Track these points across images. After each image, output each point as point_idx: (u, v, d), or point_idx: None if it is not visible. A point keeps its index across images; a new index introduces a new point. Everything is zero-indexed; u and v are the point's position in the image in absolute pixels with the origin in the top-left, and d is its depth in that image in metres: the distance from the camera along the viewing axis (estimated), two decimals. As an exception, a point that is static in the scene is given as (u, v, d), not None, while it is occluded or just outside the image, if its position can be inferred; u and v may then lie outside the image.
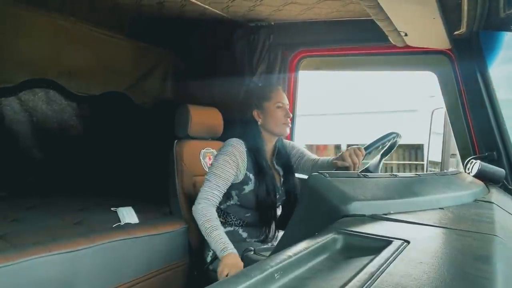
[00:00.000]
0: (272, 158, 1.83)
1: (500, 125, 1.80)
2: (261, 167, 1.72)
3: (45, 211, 1.92)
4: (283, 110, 1.74)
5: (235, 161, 1.68)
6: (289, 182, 1.82)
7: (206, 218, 1.58)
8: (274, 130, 1.76)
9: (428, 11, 1.39)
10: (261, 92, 1.80)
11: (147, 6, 2.24)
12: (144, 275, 1.75)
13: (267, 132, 1.77)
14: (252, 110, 1.76)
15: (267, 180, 1.72)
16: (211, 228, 1.56)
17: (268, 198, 1.71)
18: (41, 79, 2.45)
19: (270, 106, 1.74)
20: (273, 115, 1.74)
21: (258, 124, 1.76)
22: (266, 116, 1.75)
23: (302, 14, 2.24)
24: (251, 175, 1.71)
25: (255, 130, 1.77)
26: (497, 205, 1.08)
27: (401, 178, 1.08)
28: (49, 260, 1.38)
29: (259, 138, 1.76)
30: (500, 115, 1.80)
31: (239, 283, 0.44)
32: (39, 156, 2.57)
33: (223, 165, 1.66)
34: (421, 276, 0.50)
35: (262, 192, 1.71)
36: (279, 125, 1.74)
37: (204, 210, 1.60)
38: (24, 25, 2.26)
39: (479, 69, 1.81)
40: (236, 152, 1.69)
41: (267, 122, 1.75)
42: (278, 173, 1.83)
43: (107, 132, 2.88)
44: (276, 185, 1.77)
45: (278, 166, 1.84)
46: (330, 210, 0.77)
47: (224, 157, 1.68)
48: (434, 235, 0.75)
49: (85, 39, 2.57)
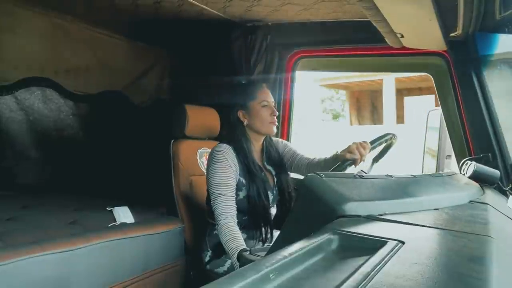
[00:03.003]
0: (262, 158, 1.79)
1: (495, 127, 1.81)
2: (250, 170, 1.68)
3: (40, 210, 1.91)
4: (269, 109, 1.70)
5: (230, 166, 1.63)
6: (282, 181, 1.79)
7: (228, 238, 1.48)
8: (261, 130, 1.71)
9: (424, 12, 1.39)
10: (245, 91, 1.75)
11: (144, 5, 2.24)
12: (140, 275, 1.75)
13: (253, 132, 1.73)
14: (237, 110, 1.72)
15: (258, 184, 1.68)
16: (236, 249, 1.45)
17: (260, 201, 1.68)
18: (38, 77, 2.44)
19: (255, 106, 1.70)
20: (259, 115, 1.69)
21: (243, 125, 1.72)
22: (251, 116, 1.70)
23: (299, 14, 2.24)
24: (244, 180, 1.68)
25: (241, 131, 1.72)
26: (492, 206, 1.09)
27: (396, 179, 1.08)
28: (44, 259, 1.37)
29: (246, 140, 1.71)
30: (495, 117, 1.81)
31: (235, 283, 0.44)
32: (35, 155, 2.55)
33: (222, 172, 1.61)
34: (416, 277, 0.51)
35: (254, 196, 1.67)
36: (266, 124, 1.69)
37: (225, 227, 1.51)
38: (21, 23, 2.25)
39: (474, 71, 1.82)
40: (227, 156, 1.64)
41: (253, 122, 1.70)
42: (270, 173, 1.80)
43: (103, 131, 2.87)
44: (269, 186, 1.75)
45: (269, 166, 1.80)
46: (326, 211, 0.77)
47: (218, 164, 1.62)
48: (429, 235, 0.75)
49: (82, 38, 2.57)
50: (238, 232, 1.51)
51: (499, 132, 1.81)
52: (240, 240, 1.48)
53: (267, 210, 1.72)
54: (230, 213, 1.55)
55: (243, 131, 1.72)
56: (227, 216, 1.54)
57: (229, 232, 1.50)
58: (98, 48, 2.67)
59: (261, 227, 1.72)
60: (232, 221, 1.54)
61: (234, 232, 1.50)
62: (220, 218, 1.54)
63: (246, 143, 1.71)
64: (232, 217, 1.55)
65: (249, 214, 1.71)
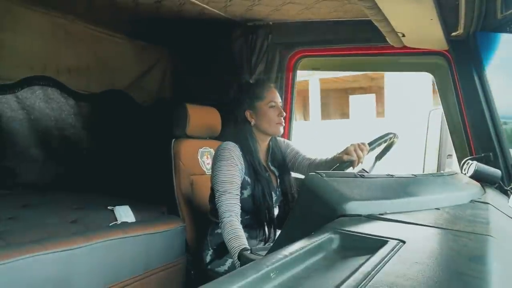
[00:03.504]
0: (267, 159, 1.80)
1: (496, 126, 1.81)
2: (256, 170, 1.68)
3: (41, 209, 1.91)
4: (276, 110, 1.70)
5: (236, 164, 1.63)
6: (285, 182, 1.80)
7: (232, 236, 1.48)
8: (268, 130, 1.72)
9: (425, 12, 1.39)
10: (253, 91, 1.75)
11: (145, 4, 2.24)
12: (141, 274, 1.75)
13: (260, 132, 1.73)
14: (244, 110, 1.72)
15: (262, 183, 1.68)
16: (238, 248, 1.45)
17: (264, 201, 1.68)
18: (39, 76, 2.44)
19: (263, 106, 1.70)
20: (267, 115, 1.70)
21: (251, 125, 1.72)
22: (259, 116, 1.71)
23: (300, 14, 2.24)
24: (249, 179, 1.68)
25: (248, 131, 1.72)
26: (493, 206, 1.09)
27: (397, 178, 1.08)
28: (45, 258, 1.37)
29: (252, 139, 1.72)
30: (497, 116, 1.81)
31: (235, 282, 0.44)
32: (36, 154, 2.55)
33: (227, 170, 1.60)
34: (416, 276, 0.51)
35: (258, 196, 1.67)
36: (273, 125, 1.70)
37: (229, 226, 1.51)
38: (23, 22, 2.25)
39: (476, 71, 1.82)
40: (233, 155, 1.64)
41: (260, 122, 1.71)
42: (273, 174, 1.80)
43: (105, 130, 2.87)
44: (273, 186, 1.75)
45: (273, 167, 1.81)
46: (327, 210, 0.77)
47: (225, 162, 1.62)
48: (429, 235, 0.75)
49: (84, 37, 2.57)
50: (241, 231, 1.51)
51: (501, 132, 1.80)
52: (243, 239, 1.48)
53: (271, 210, 1.72)
54: (234, 211, 1.55)
55: (250, 131, 1.73)
56: (231, 214, 1.54)
57: (232, 230, 1.49)
58: (99, 47, 2.67)
59: (264, 226, 1.72)
60: (236, 219, 1.54)
61: (237, 231, 1.49)
62: (224, 216, 1.53)
63: (253, 142, 1.71)
64: (236, 215, 1.55)
65: (252, 213, 1.71)
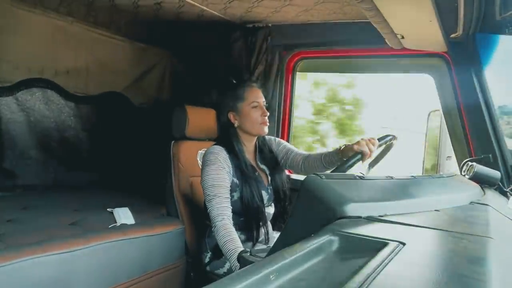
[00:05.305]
0: (255, 158, 1.79)
1: (495, 127, 1.81)
2: (243, 171, 1.67)
3: (40, 212, 1.91)
4: (259, 109, 1.68)
5: (223, 167, 1.62)
6: (276, 180, 1.79)
7: (226, 239, 1.47)
8: (252, 131, 1.70)
9: (424, 14, 1.40)
10: (234, 92, 1.72)
11: (144, 7, 2.24)
12: (140, 276, 1.75)
13: (245, 133, 1.72)
14: (227, 112, 1.71)
15: (251, 184, 1.67)
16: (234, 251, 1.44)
17: (253, 202, 1.67)
18: (38, 78, 2.45)
19: (245, 107, 1.68)
20: (249, 116, 1.68)
21: (234, 127, 1.71)
22: (242, 117, 1.69)
23: (300, 16, 2.24)
24: (237, 181, 1.67)
25: (232, 133, 1.71)
26: (492, 207, 1.09)
27: (397, 180, 1.08)
28: (44, 260, 1.37)
29: (237, 141, 1.70)
30: (496, 118, 1.81)
31: (235, 284, 0.44)
32: (35, 156, 2.56)
33: (216, 173, 1.59)
34: (416, 278, 0.51)
35: (247, 197, 1.66)
36: (257, 125, 1.69)
37: (222, 229, 1.49)
38: (22, 24, 2.26)
39: (475, 72, 1.82)
40: (220, 158, 1.62)
41: (244, 123, 1.69)
42: (264, 172, 1.79)
43: (104, 132, 2.87)
44: (264, 185, 1.74)
45: (263, 165, 1.79)
46: (326, 212, 0.77)
47: (212, 166, 1.61)
48: (429, 237, 0.75)
49: (83, 39, 2.57)
50: (235, 234, 1.50)
51: (500, 133, 1.80)
52: (238, 241, 1.47)
53: (260, 210, 1.70)
54: (226, 214, 1.54)
55: (234, 133, 1.72)
56: (224, 217, 1.53)
57: (227, 233, 1.48)
58: (98, 49, 2.67)
59: (257, 227, 1.71)
60: (228, 222, 1.53)
61: (231, 234, 1.49)
62: (217, 220, 1.52)
63: (238, 144, 1.70)
64: (228, 218, 1.54)
65: (244, 215, 1.70)
